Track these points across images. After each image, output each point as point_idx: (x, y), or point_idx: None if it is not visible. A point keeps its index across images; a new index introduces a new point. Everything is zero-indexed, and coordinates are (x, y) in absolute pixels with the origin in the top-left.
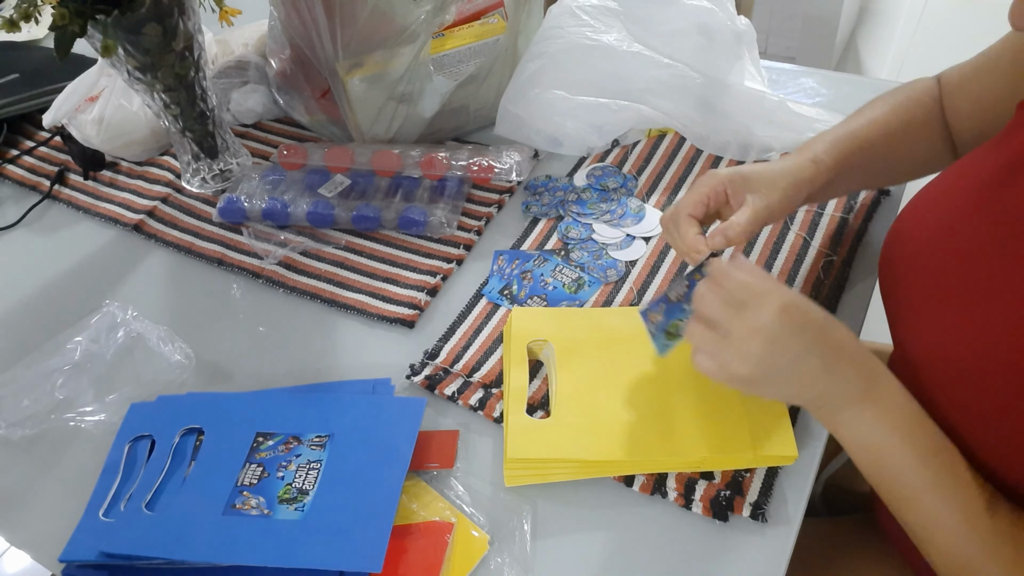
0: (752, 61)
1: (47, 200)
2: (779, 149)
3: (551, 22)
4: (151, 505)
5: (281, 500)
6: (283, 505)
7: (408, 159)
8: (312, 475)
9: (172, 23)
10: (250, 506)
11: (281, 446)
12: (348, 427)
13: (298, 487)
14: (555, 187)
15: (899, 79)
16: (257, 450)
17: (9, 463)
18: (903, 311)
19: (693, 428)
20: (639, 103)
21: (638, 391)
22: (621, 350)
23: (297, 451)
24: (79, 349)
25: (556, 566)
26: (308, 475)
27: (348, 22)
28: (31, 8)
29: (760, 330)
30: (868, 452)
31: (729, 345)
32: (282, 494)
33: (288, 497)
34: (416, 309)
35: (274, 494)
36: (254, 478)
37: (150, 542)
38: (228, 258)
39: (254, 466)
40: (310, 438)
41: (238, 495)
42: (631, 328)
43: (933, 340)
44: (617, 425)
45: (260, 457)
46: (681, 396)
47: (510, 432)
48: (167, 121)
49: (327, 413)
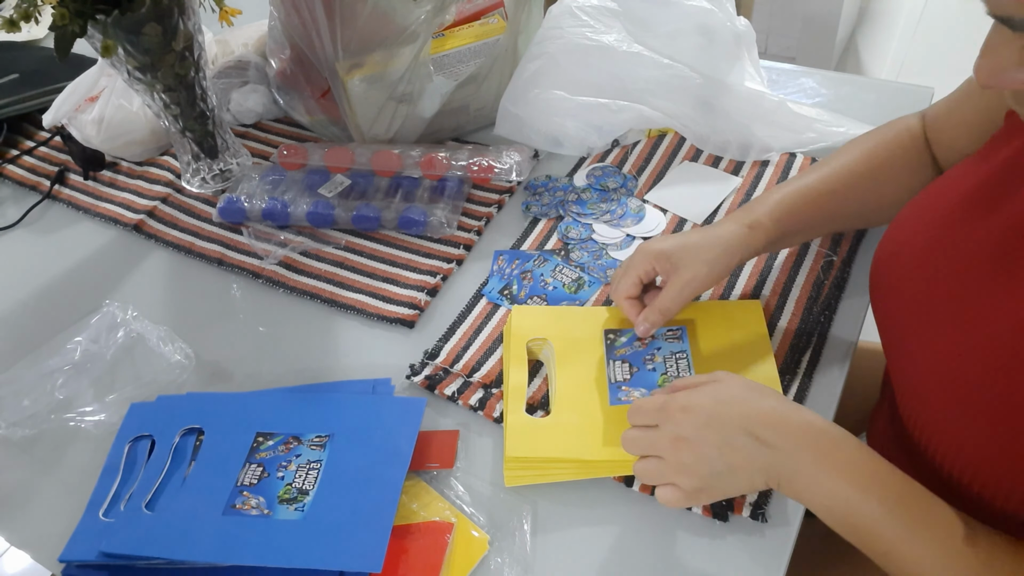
0: (752, 62)
1: (47, 200)
2: (779, 149)
3: (551, 22)
4: (151, 505)
5: (281, 500)
6: (283, 505)
7: (408, 159)
8: (312, 475)
9: (172, 23)
10: (250, 506)
11: (281, 446)
12: (348, 427)
13: (298, 487)
14: (555, 187)
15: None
16: (257, 450)
17: (9, 463)
18: (895, 332)
19: None
20: (639, 103)
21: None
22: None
23: (297, 451)
24: (79, 349)
25: (556, 566)
26: (308, 475)
27: (348, 22)
28: (31, 8)
29: (677, 440)
30: (835, 514)
31: (668, 466)
32: (282, 494)
33: (288, 497)
34: (416, 309)
35: (274, 494)
36: (254, 478)
37: (150, 542)
38: (228, 258)
39: (254, 466)
40: (310, 438)
41: (238, 495)
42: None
43: (927, 360)
44: (616, 424)
45: (260, 457)
46: None
47: (509, 431)
48: (167, 121)
49: (327, 413)
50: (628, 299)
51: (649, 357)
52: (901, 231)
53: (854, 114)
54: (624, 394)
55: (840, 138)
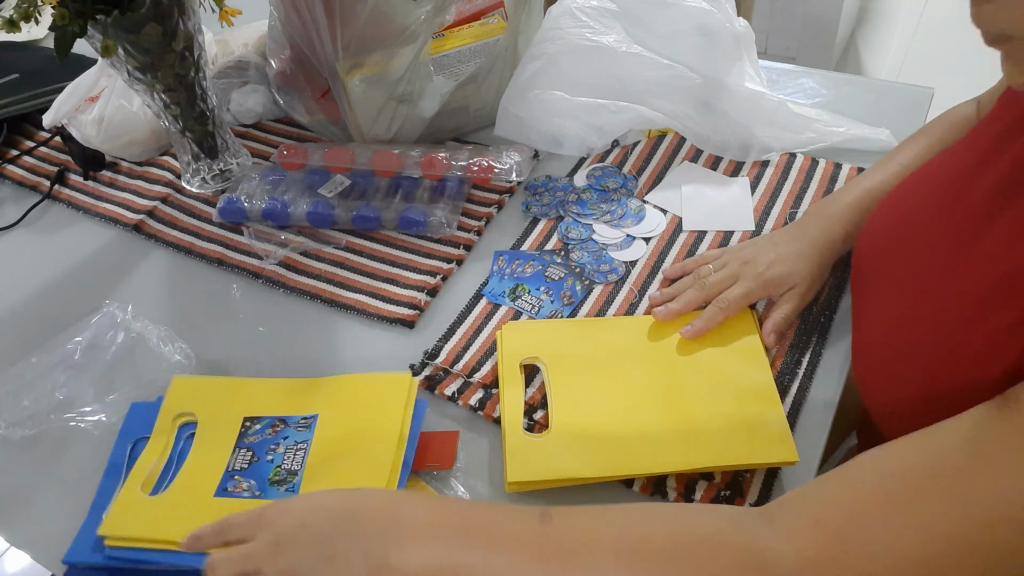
0: (751, 63)
1: (47, 200)
2: (779, 149)
3: (551, 23)
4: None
5: (272, 482)
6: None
7: (408, 159)
8: (299, 455)
9: (172, 23)
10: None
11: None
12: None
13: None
14: (555, 187)
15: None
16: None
17: (9, 463)
18: (866, 302)
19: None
20: (639, 104)
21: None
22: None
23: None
24: (79, 349)
25: None
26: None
27: (348, 22)
28: (31, 8)
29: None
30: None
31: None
32: (272, 476)
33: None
34: (416, 309)
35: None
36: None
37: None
38: (228, 258)
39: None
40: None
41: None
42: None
43: (885, 327)
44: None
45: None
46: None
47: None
48: (167, 121)
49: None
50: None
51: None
52: (888, 207)
53: (854, 114)
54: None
55: (840, 138)
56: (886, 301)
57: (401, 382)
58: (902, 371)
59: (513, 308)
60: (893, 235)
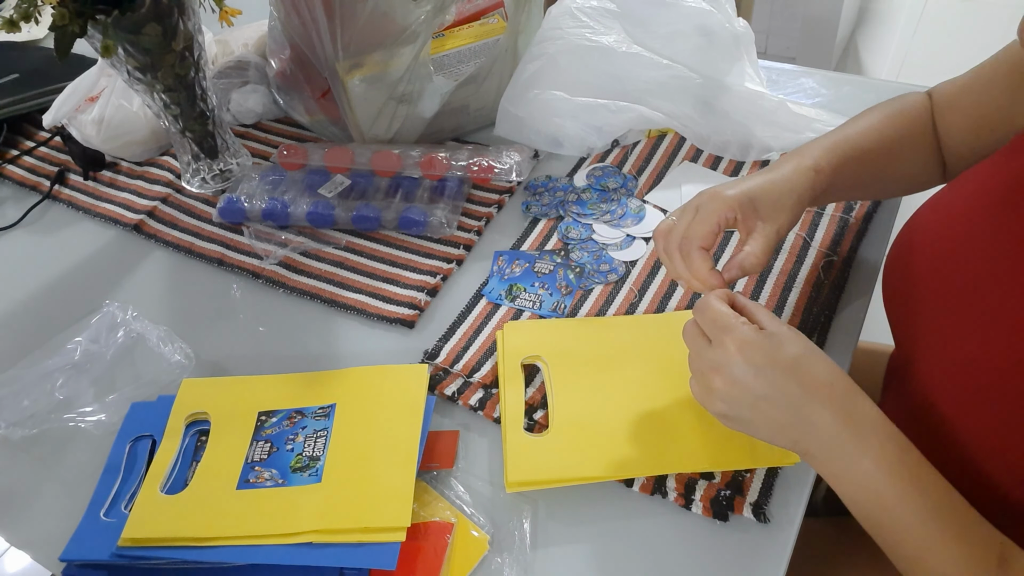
0: (751, 63)
1: (47, 200)
2: (779, 149)
3: (551, 23)
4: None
5: (294, 469)
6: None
7: (408, 159)
8: (320, 442)
9: (172, 23)
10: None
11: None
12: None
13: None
14: (555, 187)
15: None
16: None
17: (9, 463)
18: (911, 329)
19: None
20: (639, 104)
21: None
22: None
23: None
24: (79, 349)
25: (556, 566)
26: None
27: (348, 22)
28: (31, 8)
29: (718, 368)
30: (866, 507)
31: (697, 381)
32: (294, 464)
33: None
34: (416, 309)
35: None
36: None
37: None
38: (228, 258)
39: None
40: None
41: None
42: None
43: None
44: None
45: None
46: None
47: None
48: (167, 121)
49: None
50: (701, 250)
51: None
52: (916, 233)
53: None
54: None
55: None
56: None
57: (419, 374)
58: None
59: (513, 308)
60: (933, 263)
